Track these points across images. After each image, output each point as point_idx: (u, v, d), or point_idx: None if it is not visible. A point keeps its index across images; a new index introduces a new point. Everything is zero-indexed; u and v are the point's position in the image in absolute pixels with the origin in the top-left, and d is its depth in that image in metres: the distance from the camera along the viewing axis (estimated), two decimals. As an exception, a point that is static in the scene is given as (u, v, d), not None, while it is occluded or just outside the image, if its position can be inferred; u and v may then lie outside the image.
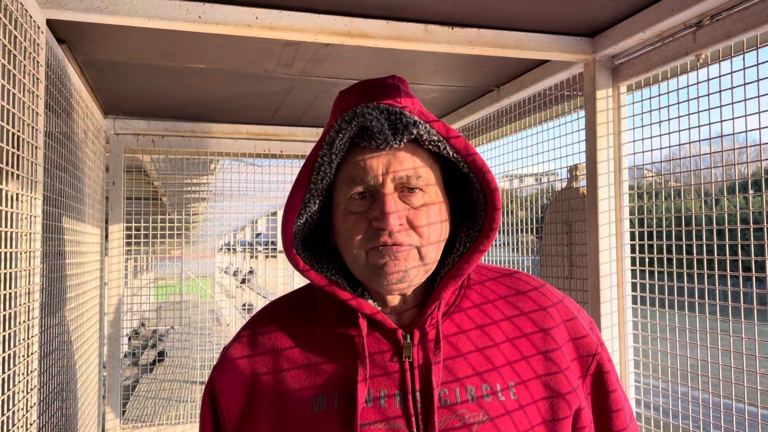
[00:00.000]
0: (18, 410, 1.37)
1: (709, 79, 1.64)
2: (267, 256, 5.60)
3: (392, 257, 0.84)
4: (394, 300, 0.91)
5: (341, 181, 0.87)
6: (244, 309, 5.48)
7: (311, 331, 0.92)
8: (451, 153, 0.87)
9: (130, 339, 5.26)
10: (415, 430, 0.83)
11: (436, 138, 0.86)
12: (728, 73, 1.58)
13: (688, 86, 1.71)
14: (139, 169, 3.43)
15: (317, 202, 0.89)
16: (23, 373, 1.41)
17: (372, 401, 0.84)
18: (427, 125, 0.85)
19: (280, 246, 4.62)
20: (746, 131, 1.51)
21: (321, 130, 3.27)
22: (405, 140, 0.85)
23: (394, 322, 0.90)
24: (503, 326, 0.91)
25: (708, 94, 1.64)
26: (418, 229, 0.85)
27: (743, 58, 1.55)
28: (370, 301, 0.89)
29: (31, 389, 1.46)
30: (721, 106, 1.59)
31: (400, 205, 0.84)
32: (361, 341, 0.86)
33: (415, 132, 0.84)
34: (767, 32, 1.48)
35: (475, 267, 0.91)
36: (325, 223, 0.95)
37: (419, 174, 0.85)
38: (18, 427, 1.37)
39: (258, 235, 6.03)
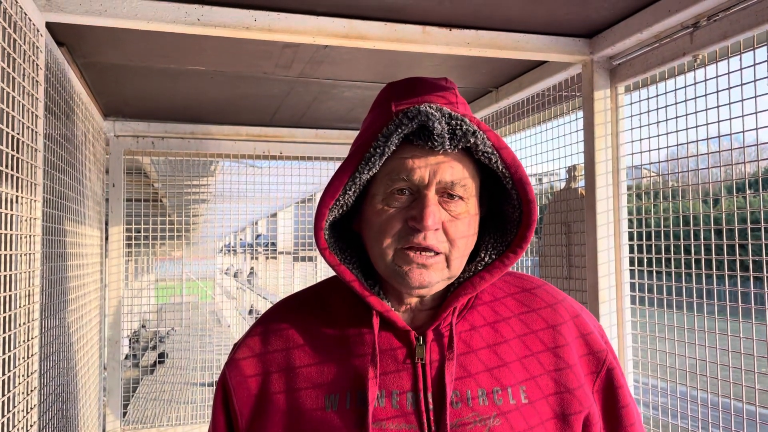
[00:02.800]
0: (18, 412, 1.38)
1: (706, 80, 1.65)
2: (267, 258, 5.61)
3: (418, 265, 0.84)
4: (411, 301, 0.91)
5: (384, 174, 0.87)
6: (249, 314, 5.48)
7: (324, 329, 0.93)
8: (500, 167, 0.87)
9: (131, 341, 5.26)
10: (426, 430, 0.83)
11: (489, 150, 0.86)
12: (725, 74, 1.59)
13: (685, 87, 1.71)
14: (139, 170, 3.44)
15: (356, 191, 0.89)
16: (23, 375, 1.42)
17: (384, 401, 0.85)
18: (484, 136, 0.85)
19: (279, 247, 4.62)
20: (743, 131, 1.52)
21: (321, 132, 3.28)
22: (460, 147, 0.85)
23: (408, 322, 0.91)
24: (513, 324, 0.92)
25: (705, 95, 1.64)
26: (450, 236, 0.85)
27: (740, 58, 1.55)
28: (386, 301, 0.90)
29: (32, 391, 1.47)
30: (718, 107, 1.59)
31: (439, 209, 0.85)
32: (373, 340, 0.87)
33: (472, 141, 0.84)
34: (764, 33, 1.49)
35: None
36: (351, 211, 0.95)
37: (464, 183, 0.86)
38: (18, 429, 1.37)
39: (258, 236, 6.04)
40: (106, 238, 3.03)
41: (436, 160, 0.85)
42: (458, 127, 0.83)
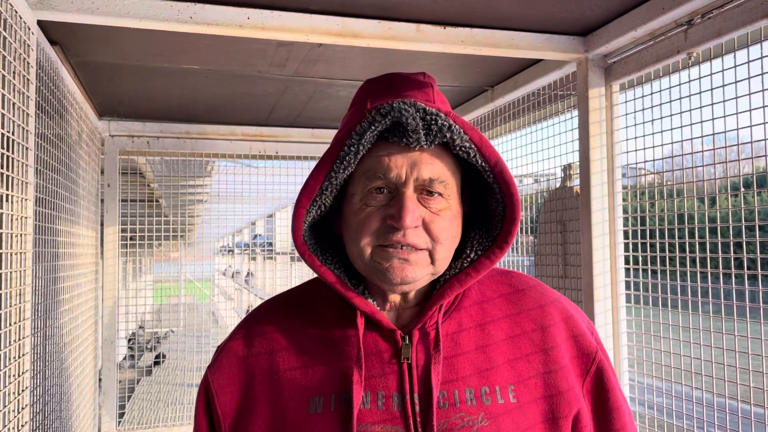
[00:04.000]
0: (9, 411, 1.37)
1: (700, 77, 1.64)
2: (265, 258, 5.60)
3: (399, 260, 0.83)
4: (395, 298, 0.90)
5: (361, 172, 0.85)
6: (246, 312, 5.48)
7: (308, 330, 0.91)
8: (479, 161, 0.86)
9: (130, 341, 5.25)
10: None
11: (467, 144, 0.84)
12: (720, 71, 1.58)
13: (680, 84, 1.71)
14: (135, 170, 3.43)
15: (333, 191, 0.88)
16: (14, 375, 1.41)
17: (370, 403, 0.83)
18: (461, 131, 0.84)
19: (277, 248, 4.62)
20: (737, 129, 1.51)
21: (317, 131, 3.27)
22: (436, 142, 0.84)
23: (393, 320, 0.90)
24: (502, 325, 0.90)
25: (700, 92, 1.64)
26: (432, 233, 0.84)
27: (734, 55, 1.55)
28: (370, 300, 0.88)
29: (23, 390, 1.46)
30: (712, 104, 1.59)
31: (418, 206, 0.83)
32: (358, 341, 0.85)
33: (448, 136, 0.83)
34: (758, 30, 1.49)
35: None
36: (333, 212, 0.94)
37: (442, 179, 0.84)
38: (9, 429, 1.36)
39: (256, 236, 6.03)
40: (102, 239, 3.02)
41: (413, 157, 0.83)
42: (433, 122, 0.82)
